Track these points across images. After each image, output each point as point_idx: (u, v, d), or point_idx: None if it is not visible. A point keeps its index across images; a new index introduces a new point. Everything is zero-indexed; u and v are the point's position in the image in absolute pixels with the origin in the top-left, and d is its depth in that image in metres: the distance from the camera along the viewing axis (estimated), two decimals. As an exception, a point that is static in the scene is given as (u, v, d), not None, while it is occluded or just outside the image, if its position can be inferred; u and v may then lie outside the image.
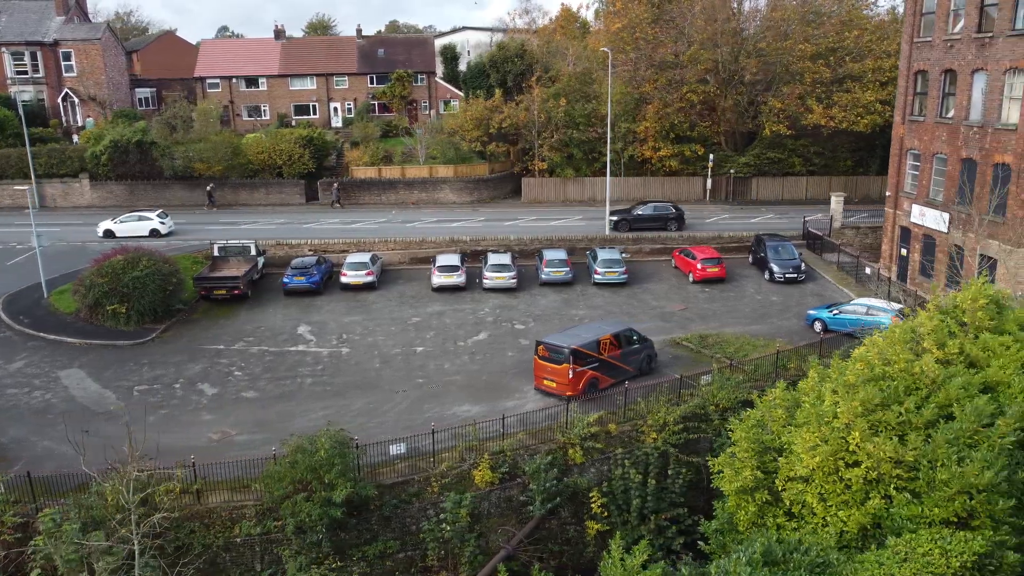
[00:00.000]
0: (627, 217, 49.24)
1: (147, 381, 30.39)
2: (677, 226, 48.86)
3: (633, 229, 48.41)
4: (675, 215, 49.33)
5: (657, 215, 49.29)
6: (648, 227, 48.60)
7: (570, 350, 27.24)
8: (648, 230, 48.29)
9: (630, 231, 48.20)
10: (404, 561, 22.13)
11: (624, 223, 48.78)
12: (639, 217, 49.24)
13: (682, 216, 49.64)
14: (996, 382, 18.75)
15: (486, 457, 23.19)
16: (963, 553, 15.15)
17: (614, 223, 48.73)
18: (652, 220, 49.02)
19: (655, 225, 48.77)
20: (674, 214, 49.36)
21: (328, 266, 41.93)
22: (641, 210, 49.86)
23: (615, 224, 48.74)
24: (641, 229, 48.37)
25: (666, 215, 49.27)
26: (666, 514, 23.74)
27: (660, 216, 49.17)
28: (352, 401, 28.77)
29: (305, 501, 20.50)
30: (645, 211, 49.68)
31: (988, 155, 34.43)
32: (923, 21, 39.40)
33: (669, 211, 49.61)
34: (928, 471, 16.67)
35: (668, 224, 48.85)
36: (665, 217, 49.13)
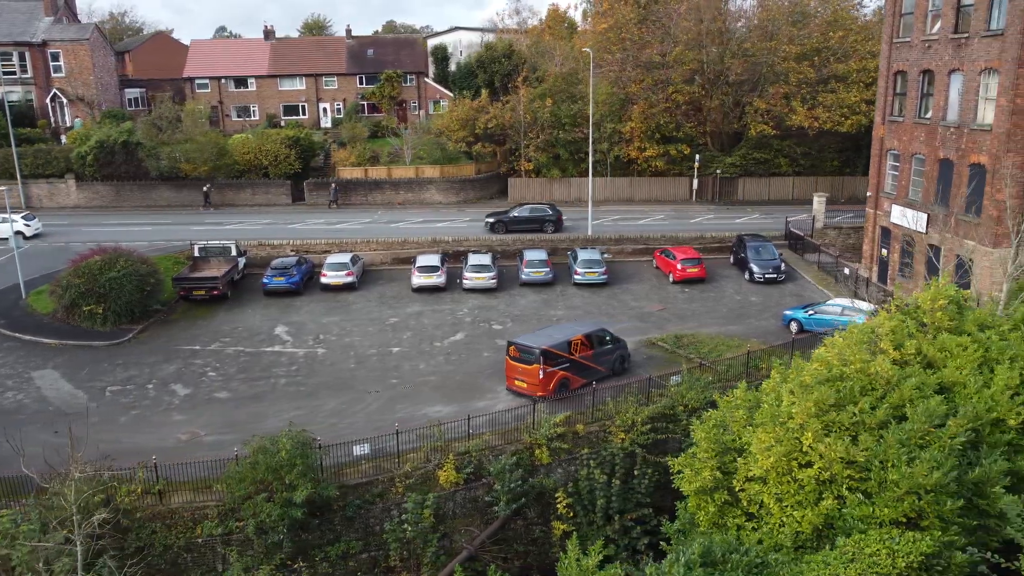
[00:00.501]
0: (503, 219, 49.39)
1: (120, 382, 30.40)
2: (554, 228, 49.09)
3: (509, 231, 48.50)
4: (552, 217, 49.51)
5: (533, 217, 49.49)
6: (524, 229, 48.68)
7: (540, 351, 27.24)
8: (524, 231, 48.31)
9: (506, 232, 48.24)
10: (367, 561, 22.15)
11: (500, 224, 48.95)
12: (515, 219, 49.34)
13: (559, 218, 49.81)
14: (952, 383, 18.80)
15: (451, 458, 23.20)
16: (910, 553, 15.18)
17: (490, 224, 49.06)
18: (528, 222, 49.14)
19: (532, 227, 48.86)
20: (551, 216, 49.56)
21: (309, 267, 41.96)
22: (518, 212, 50.03)
23: (491, 226, 49.01)
24: (517, 231, 48.43)
25: (543, 217, 49.48)
26: (632, 515, 23.78)
27: (537, 218, 49.39)
28: (324, 402, 28.78)
29: (266, 502, 20.52)
30: (522, 213, 49.84)
31: (964, 155, 34.46)
32: (902, 22, 39.44)
33: (546, 213, 49.82)
34: (879, 471, 16.71)
35: (545, 226, 49.04)
36: (542, 219, 49.32)
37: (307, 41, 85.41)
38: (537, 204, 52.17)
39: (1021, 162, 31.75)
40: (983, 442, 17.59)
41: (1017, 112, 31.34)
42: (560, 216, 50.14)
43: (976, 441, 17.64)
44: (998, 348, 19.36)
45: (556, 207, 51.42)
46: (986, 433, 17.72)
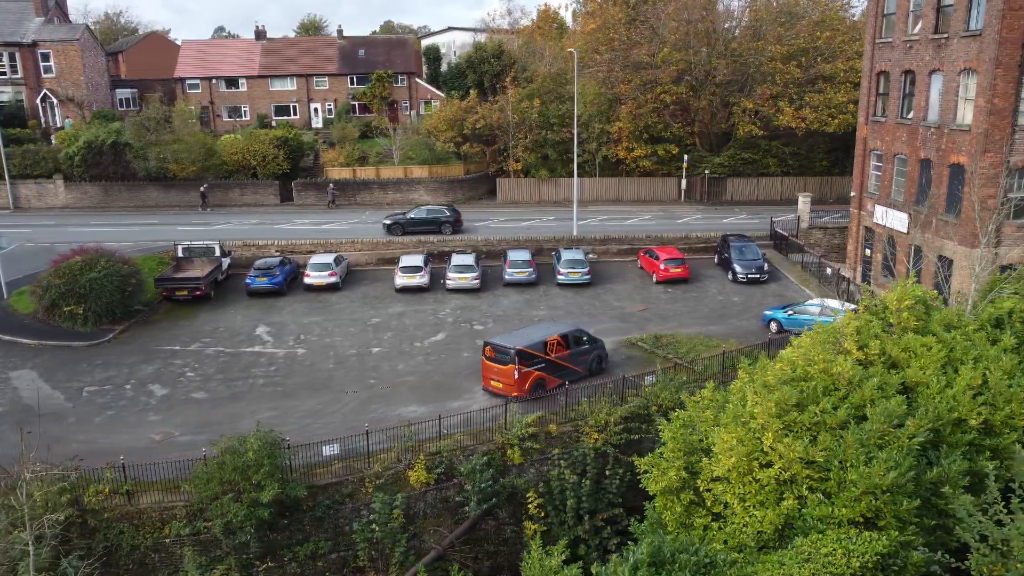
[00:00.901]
0: (400, 220, 49.37)
1: (98, 382, 30.40)
2: (452, 229, 49.03)
3: (406, 232, 48.47)
4: (449, 218, 49.52)
5: (430, 218, 49.48)
6: (421, 230, 48.65)
7: (515, 351, 27.25)
8: (421, 233, 48.28)
9: (403, 234, 48.24)
10: (337, 562, 22.18)
11: (397, 226, 48.93)
12: (412, 220, 49.33)
13: (457, 220, 49.79)
14: (915, 383, 18.82)
15: (421, 458, 23.23)
16: (865, 553, 15.20)
17: (387, 226, 49.05)
18: (425, 223, 49.12)
19: (428, 228, 48.86)
20: (448, 217, 49.59)
21: (292, 267, 41.97)
22: (414, 214, 50.06)
23: (388, 227, 49.00)
24: (414, 232, 48.40)
25: (439, 218, 49.47)
26: (603, 515, 23.79)
27: (433, 219, 49.35)
28: (301, 402, 28.80)
29: (233, 502, 20.54)
30: (418, 215, 49.86)
31: (944, 156, 34.50)
32: (885, 22, 39.48)
33: (443, 214, 49.82)
34: (839, 472, 16.72)
35: (442, 227, 49.05)
36: (438, 220, 49.31)
37: (298, 41, 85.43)
38: (434, 206, 52.06)
39: (999, 162, 31.78)
40: (944, 442, 17.61)
41: (995, 112, 31.37)
42: (459, 217, 50.00)
43: (937, 441, 17.66)
44: (962, 348, 19.38)
45: (455, 208, 51.37)
46: (947, 433, 17.73)
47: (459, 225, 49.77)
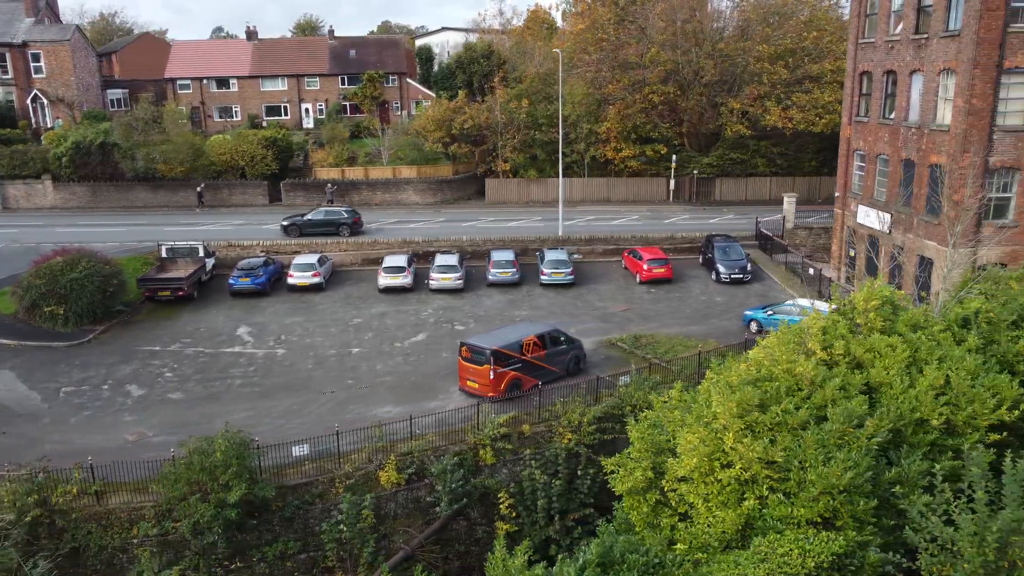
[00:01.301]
0: (297, 222, 49.21)
1: (75, 383, 30.41)
2: (350, 231, 48.80)
3: (304, 234, 48.28)
4: (347, 220, 49.28)
5: (328, 220, 49.20)
6: (318, 232, 48.41)
7: (491, 351, 27.26)
8: (319, 235, 48.03)
9: (300, 236, 48.07)
10: (306, 562, 22.18)
11: (294, 228, 48.77)
12: (309, 222, 49.14)
13: (356, 222, 49.53)
14: (879, 383, 18.82)
15: (392, 458, 23.23)
16: (820, 554, 15.21)
17: (284, 227, 48.94)
18: (323, 225, 48.88)
19: (326, 230, 48.58)
20: (346, 219, 49.35)
21: (276, 267, 41.97)
22: (312, 215, 49.89)
23: (285, 229, 48.88)
24: (312, 234, 48.19)
25: (337, 220, 49.24)
26: (574, 515, 23.78)
27: (331, 221, 49.10)
28: (278, 402, 28.80)
29: (200, 502, 20.54)
30: (316, 216, 49.65)
31: (925, 156, 34.52)
32: (867, 22, 39.50)
33: (341, 216, 49.60)
34: (799, 472, 16.73)
35: (340, 229, 48.80)
36: (336, 222, 49.05)
37: (289, 42, 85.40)
38: (333, 207, 51.86)
39: (978, 163, 31.80)
40: (905, 442, 17.61)
41: (973, 113, 31.39)
42: (357, 219, 49.73)
43: (899, 441, 17.66)
44: (927, 349, 19.37)
45: (355, 210, 51.09)
46: (909, 433, 17.72)
47: (358, 227, 49.41)
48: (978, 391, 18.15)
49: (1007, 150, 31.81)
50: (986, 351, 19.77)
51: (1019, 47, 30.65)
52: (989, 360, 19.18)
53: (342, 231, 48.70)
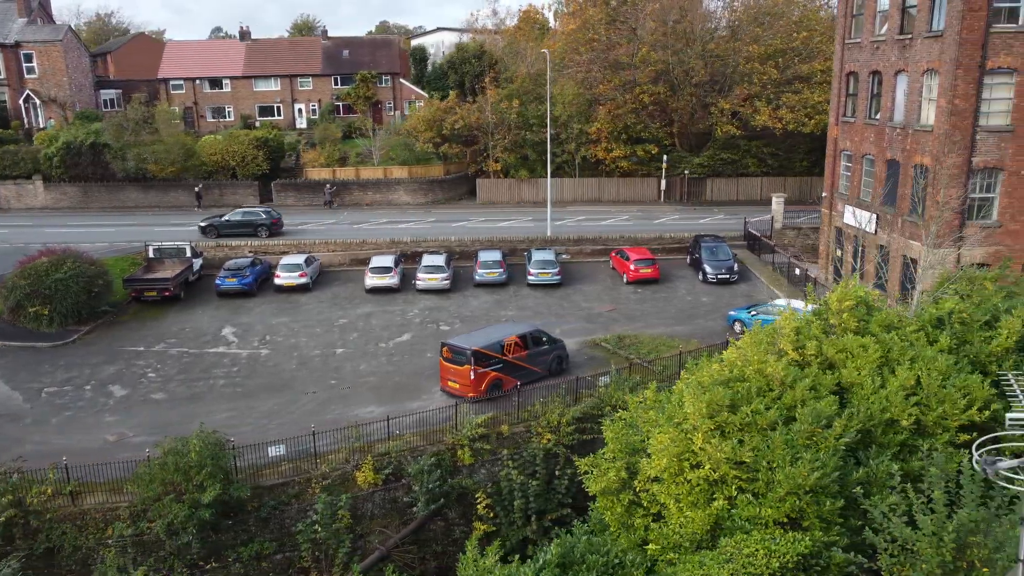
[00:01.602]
0: (215, 223, 49.12)
1: (58, 383, 30.42)
2: (268, 232, 48.62)
3: (221, 235, 48.11)
4: (265, 221, 49.12)
5: (246, 221, 49.14)
6: (236, 233, 48.26)
7: (471, 352, 27.28)
8: (237, 236, 47.84)
9: (218, 237, 47.93)
10: (282, 562, 22.19)
11: (212, 229, 48.68)
12: (227, 223, 49.03)
13: (275, 223, 49.34)
14: (851, 383, 18.83)
15: (369, 459, 23.25)
16: (785, 554, 15.23)
17: (202, 228, 48.86)
18: (241, 226, 48.79)
19: (244, 231, 48.50)
20: (264, 220, 49.20)
21: (263, 268, 41.97)
22: (230, 216, 49.77)
23: (203, 230, 48.77)
24: (229, 235, 48.05)
25: (255, 221, 49.12)
26: (552, 515, 23.78)
27: (249, 222, 49.03)
28: (260, 403, 28.81)
29: (174, 503, 20.55)
30: (234, 217, 49.57)
31: (909, 156, 34.55)
32: (854, 23, 39.53)
33: (259, 217, 49.47)
34: (767, 472, 16.74)
35: (258, 230, 48.69)
36: (254, 223, 48.98)
37: (282, 42, 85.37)
38: (251, 208, 51.61)
39: (960, 163, 31.83)
40: (875, 443, 17.63)
41: (956, 113, 31.40)
42: (277, 220, 49.60)
43: (870, 442, 17.68)
44: (899, 349, 19.38)
45: (274, 211, 50.95)
46: (879, 434, 17.74)
47: (276, 227, 49.24)
48: (949, 391, 18.16)
49: (990, 150, 31.83)
50: (959, 351, 19.78)
51: (1001, 47, 30.67)
52: (961, 360, 19.18)
53: (260, 232, 48.55)
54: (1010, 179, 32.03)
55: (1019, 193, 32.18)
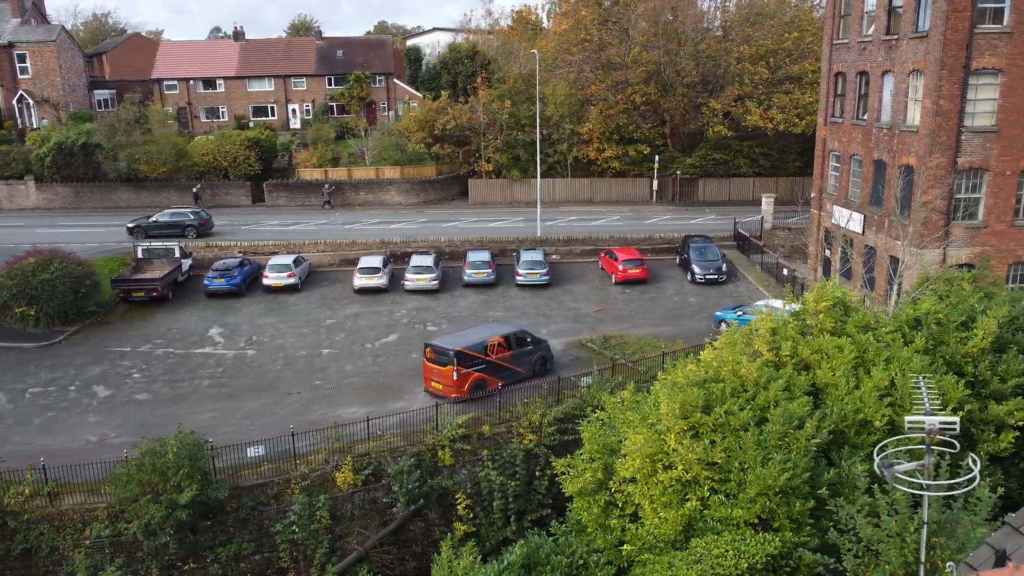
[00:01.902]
0: (142, 224, 48.89)
1: (43, 383, 30.43)
2: (196, 233, 48.45)
3: (149, 236, 47.58)
4: (193, 222, 48.99)
5: (173, 222, 48.94)
6: (163, 234, 47.81)
7: (454, 352, 27.29)
8: (165, 237, 47.09)
9: (146, 238, 47.31)
10: (260, 563, 22.19)
11: (139, 230, 48.42)
12: (154, 224, 48.81)
13: (203, 224, 49.14)
14: (825, 384, 18.84)
15: (349, 459, 23.25)
16: (755, 555, 15.25)
17: (130, 230, 48.59)
18: (167, 227, 48.55)
19: (172, 232, 48.16)
20: (192, 221, 49.06)
21: (251, 268, 41.96)
22: (157, 217, 49.58)
23: (130, 231, 48.50)
24: (157, 236, 47.45)
25: (183, 222, 48.96)
26: (532, 515, 23.79)
27: (176, 223, 48.85)
28: (244, 403, 28.81)
29: (151, 503, 20.55)
30: (161, 218, 49.35)
31: (895, 157, 34.55)
32: (842, 23, 39.54)
33: (187, 218, 49.32)
34: (739, 473, 16.76)
35: (186, 231, 48.52)
36: (182, 224, 48.83)
37: (276, 42, 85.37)
38: (179, 209, 51.35)
39: (946, 163, 31.84)
40: (848, 443, 17.63)
41: (941, 114, 31.41)
42: (205, 221, 49.43)
43: (843, 442, 17.68)
44: (875, 350, 19.38)
45: (204, 212, 50.77)
46: (852, 434, 17.75)
47: (205, 228, 49.10)
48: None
49: (975, 151, 31.85)
50: (935, 352, 19.79)
51: (986, 48, 30.68)
52: (937, 361, 19.16)
53: (188, 233, 48.42)
54: (995, 179, 32.05)
55: (1004, 194, 32.21)
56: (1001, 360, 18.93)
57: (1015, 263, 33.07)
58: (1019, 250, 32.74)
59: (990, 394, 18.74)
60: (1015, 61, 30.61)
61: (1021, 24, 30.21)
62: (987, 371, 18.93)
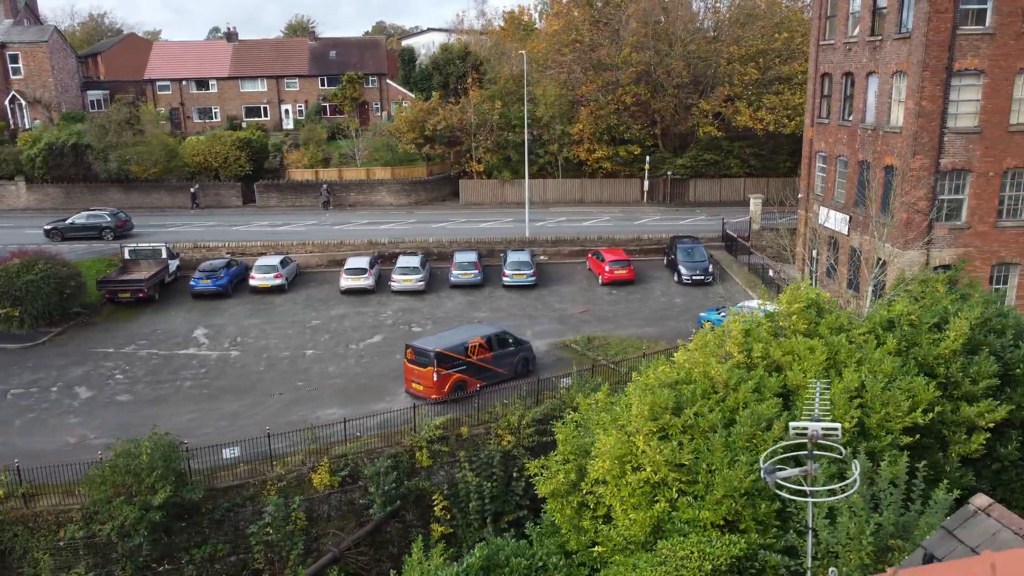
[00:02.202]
0: (59, 226, 48.61)
1: (25, 384, 30.43)
2: (113, 235, 48.12)
3: (66, 239, 47.49)
4: (110, 224, 48.68)
5: (90, 224, 48.63)
6: (81, 236, 47.67)
7: (434, 353, 27.29)
8: (82, 239, 47.13)
9: (63, 240, 47.21)
10: (236, 564, 22.20)
11: (56, 232, 48.19)
12: (71, 226, 48.53)
13: (121, 224, 48.81)
14: (796, 386, 18.85)
15: (325, 461, 23.26)
16: (719, 556, 15.25)
17: (47, 232, 48.39)
18: (84, 229, 48.28)
19: (89, 234, 47.95)
20: (109, 223, 48.75)
21: (238, 269, 41.94)
22: (75, 219, 49.25)
23: (47, 233, 48.29)
24: (74, 238, 47.47)
25: (99, 224, 48.63)
26: (509, 516, 23.79)
27: (93, 225, 48.55)
28: (225, 404, 28.81)
29: (125, 504, 20.56)
30: (78, 220, 49.00)
31: (879, 158, 34.55)
32: (828, 24, 39.55)
33: (104, 220, 49.00)
34: (707, 475, 16.77)
35: (103, 233, 48.20)
36: (99, 226, 48.50)
37: (269, 43, 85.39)
38: (96, 211, 50.84)
39: (928, 164, 31.85)
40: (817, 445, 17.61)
41: (923, 115, 31.40)
42: (123, 223, 49.13)
43: (807, 444, 17.67)
44: (847, 351, 19.39)
45: (122, 214, 50.41)
46: (822, 436, 17.73)
47: (123, 230, 48.76)
48: (892, 393, 18.15)
49: (958, 152, 31.84)
50: (908, 354, 19.80)
51: (968, 49, 30.68)
52: (908, 362, 19.16)
53: (105, 235, 48.16)
54: (978, 180, 32.04)
55: (987, 195, 32.20)
56: (973, 362, 18.90)
57: (998, 264, 33.09)
58: (1002, 251, 32.75)
59: (962, 395, 18.75)
60: (997, 62, 30.62)
61: (1003, 25, 30.23)
62: (959, 373, 18.91)
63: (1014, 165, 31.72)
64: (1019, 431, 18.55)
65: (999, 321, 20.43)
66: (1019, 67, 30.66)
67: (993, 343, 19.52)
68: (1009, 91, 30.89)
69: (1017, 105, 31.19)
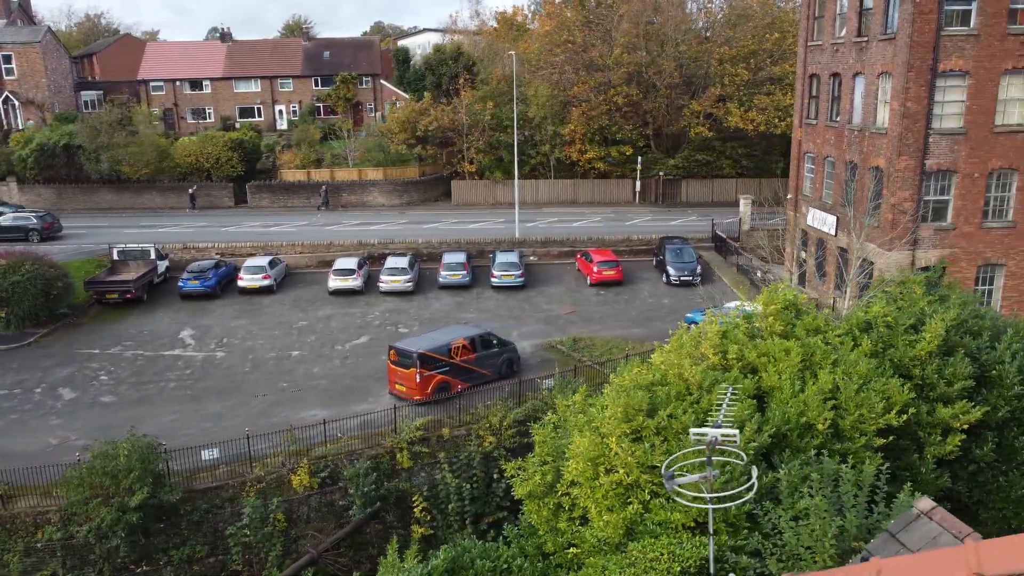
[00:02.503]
0: None
1: (8, 385, 30.40)
2: (40, 237, 47.50)
3: None
4: (36, 226, 48.04)
5: (15, 226, 47.91)
6: (6, 238, 46.59)
7: (417, 354, 27.29)
8: (6, 241, 45.72)
9: None
10: (214, 565, 22.19)
11: None
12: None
13: (49, 226, 48.19)
14: (771, 387, 18.84)
15: (305, 462, 23.25)
16: (689, 558, 15.25)
17: None
18: (9, 231, 47.59)
19: (15, 236, 46.98)
20: (35, 225, 48.14)
21: (227, 270, 41.93)
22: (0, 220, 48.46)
23: None
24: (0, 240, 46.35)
25: (25, 226, 47.95)
26: (490, 518, 23.78)
27: (18, 227, 47.80)
28: (208, 406, 28.78)
29: (102, 506, 20.55)
30: (4, 221, 48.21)
31: (866, 158, 34.56)
32: (816, 25, 39.56)
33: (29, 222, 48.35)
34: (679, 477, 16.76)
35: (29, 235, 47.50)
36: (24, 228, 47.83)
37: (263, 43, 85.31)
38: (22, 212, 50.26)
39: (914, 165, 31.85)
40: (791, 447, 17.62)
41: (908, 116, 31.40)
42: (51, 224, 48.46)
43: (785, 446, 17.67)
44: (822, 353, 19.37)
45: (50, 216, 49.74)
46: (795, 437, 17.74)
47: (49, 232, 48.13)
48: (867, 395, 18.14)
49: (943, 153, 31.84)
50: (883, 355, 19.79)
51: (953, 50, 30.67)
52: (884, 364, 19.15)
53: (31, 237, 47.57)
54: (964, 181, 32.03)
55: (972, 195, 32.19)
56: (948, 363, 18.89)
57: (984, 265, 33.09)
58: (988, 252, 32.75)
59: (937, 397, 18.73)
60: (982, 63, 30.61)
61: (988, 26, 30.23)
62: (934, 374, 18.90)
63: (999, 166, 31.73)
64: (995, 433, 18.53)
65: (975, 323, 20.43)
66: (1004, 68, 30.67)
67: (969, 344, 19.51)
68: (994, 92, 30.88)
69: (1002, 106, 31.21)
